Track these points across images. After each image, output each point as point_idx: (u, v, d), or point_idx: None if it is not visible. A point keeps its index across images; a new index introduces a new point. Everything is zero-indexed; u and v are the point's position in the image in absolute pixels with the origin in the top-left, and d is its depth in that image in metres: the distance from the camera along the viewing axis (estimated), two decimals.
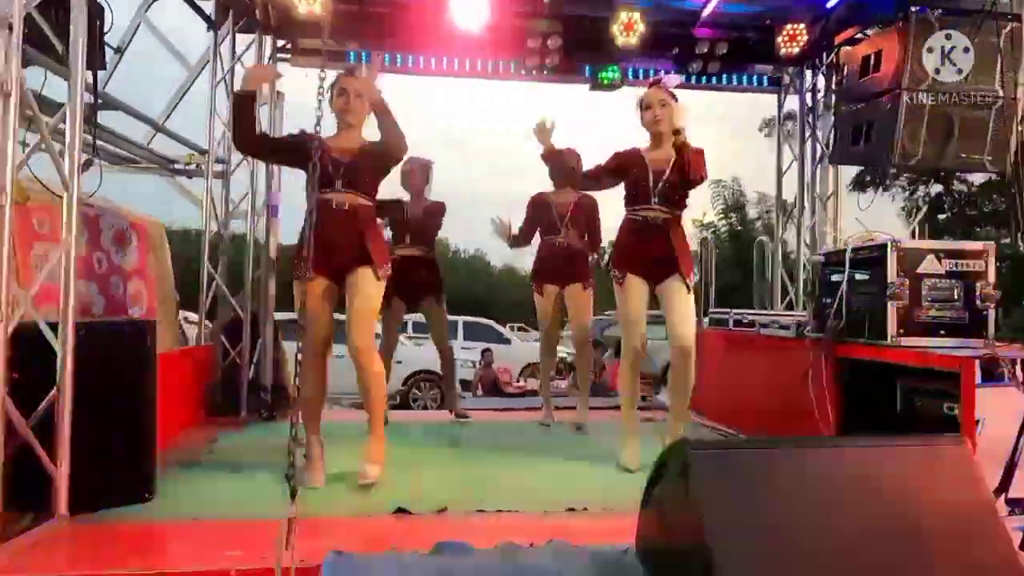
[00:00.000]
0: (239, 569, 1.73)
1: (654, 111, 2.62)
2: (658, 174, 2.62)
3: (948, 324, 2.40)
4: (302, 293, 2.43)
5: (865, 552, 1.23)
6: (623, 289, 2.67)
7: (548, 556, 1.75)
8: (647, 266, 2.65)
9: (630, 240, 2.70)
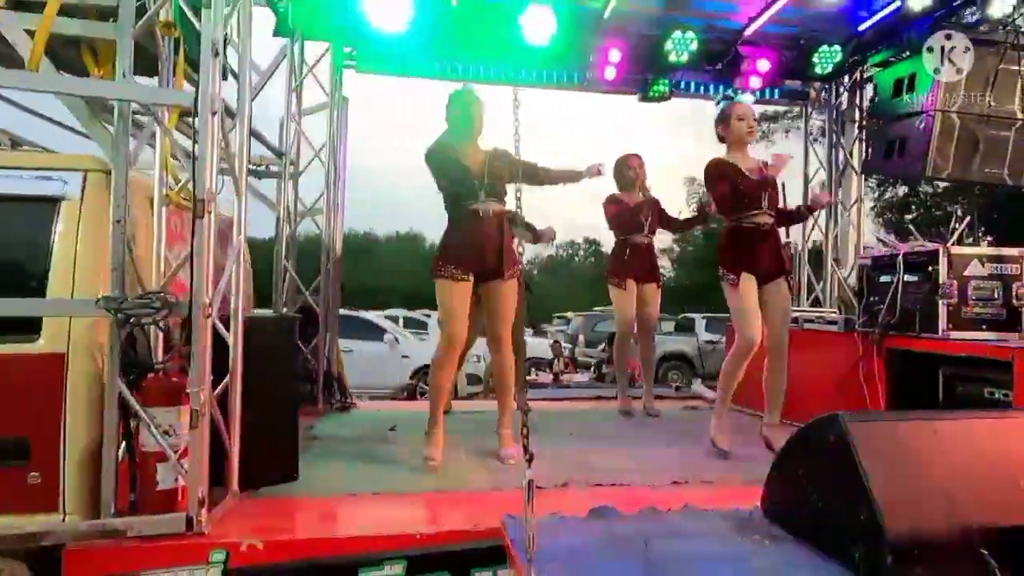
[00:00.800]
0: (423, 533, 1.99)
1: (748, 122, 2.90)
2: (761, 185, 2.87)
3: (990, 320, 2.77)
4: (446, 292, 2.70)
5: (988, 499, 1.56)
6: (738, 289, 2.87)
7: (687, 518, 2.05)
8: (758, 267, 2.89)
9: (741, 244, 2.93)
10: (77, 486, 2.03)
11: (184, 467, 1.90)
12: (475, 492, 2.45)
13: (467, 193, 2.74)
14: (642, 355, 4.01)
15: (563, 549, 1.69)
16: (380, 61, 4.12)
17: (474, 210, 2.74)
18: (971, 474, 1.60)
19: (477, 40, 3.96)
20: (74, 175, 2.14)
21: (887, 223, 20.11)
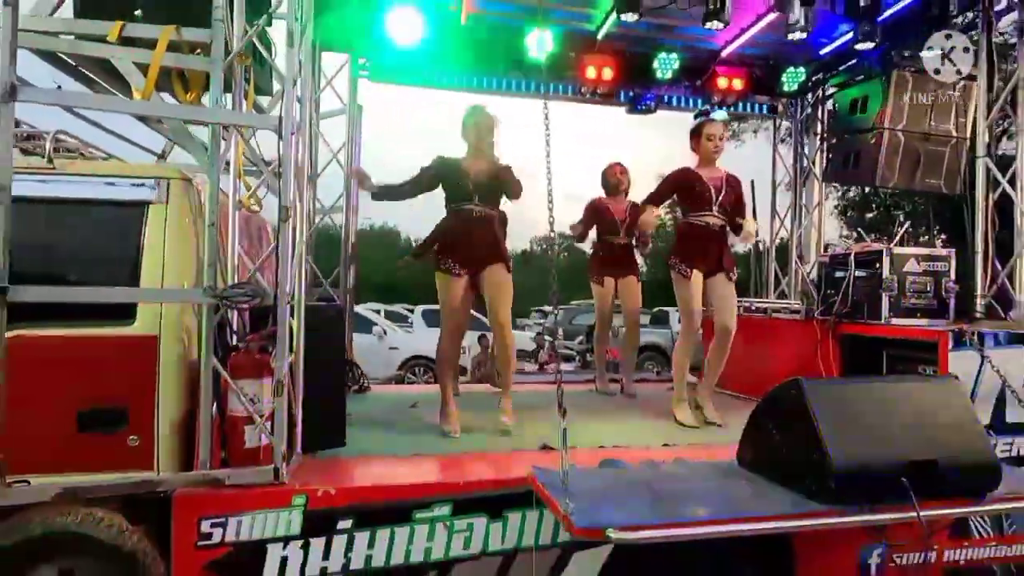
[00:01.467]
0: (465, 481, 2.42)
1: (715, 142, 3.39)
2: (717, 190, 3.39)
3: (923, 308, 3.32)
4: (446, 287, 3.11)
5: (905, 440, 2.07)
6: (689, 282, 3.41)
7: (679, 467, 2.53)
8: (707, 263, 3.42)
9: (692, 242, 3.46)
10: (168, 448, 2.40)
11: (269, 428, 2.29)
12: (497, 453, 2.88)
13: (463, 196, 3.16)
14: (626, 342, 4.47)
15: (585, 488, 2.14)
16: (393, 72, 4.47)
17: (468, 210, 3.16)
18: (893, 422, 2.10)
19: (483, 55, 4.37)
20: (160, 183, 2.49)
21: (849, 220, 21.44)
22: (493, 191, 3.15)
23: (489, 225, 3.16)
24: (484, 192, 3.13)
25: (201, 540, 2.19)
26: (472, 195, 3.12)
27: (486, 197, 3.14)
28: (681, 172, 3.52)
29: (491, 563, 2.40)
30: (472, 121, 3.21)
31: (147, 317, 2.41)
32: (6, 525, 2.26)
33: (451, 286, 3.13)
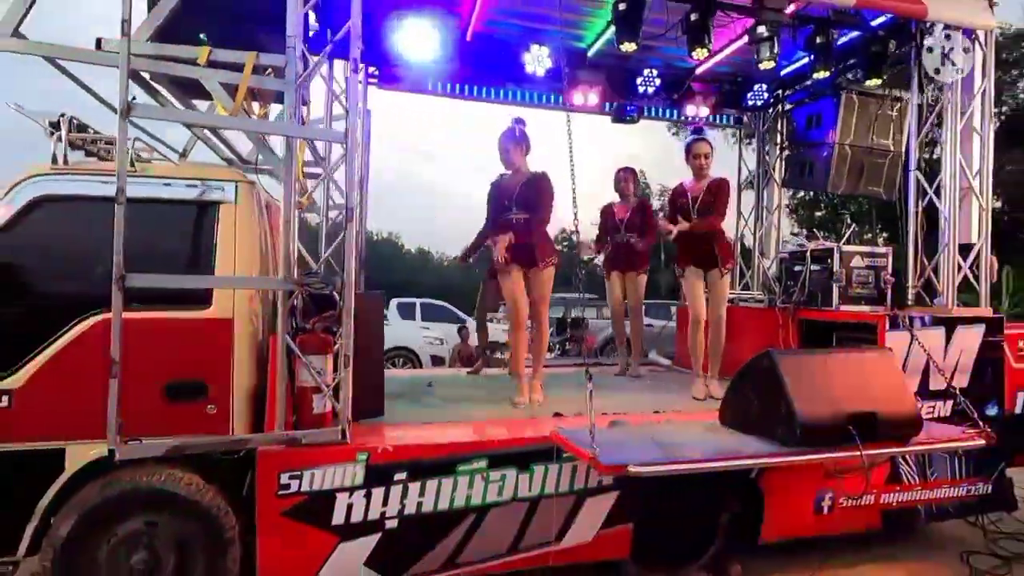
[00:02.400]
0: (498, 439, 2.88)
1: (700, 160, 3.95)
2: (695, 200, 3.95)
3: (866, 297, 3.94)
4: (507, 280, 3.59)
5: (851, 398, 2.64)
6: (684, 280, 3.97)
7: (673, 425, 3.06)
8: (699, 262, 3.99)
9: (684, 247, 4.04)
10: (242, 415, 2.77)
11: (336, 397, 2.69)
12: (518, 419, 3.35)
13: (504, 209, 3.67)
14: (632, 330, 4.99)
15: (602, 440, 2.63)
16: (400, 80, 4.85)
17: (508, 220, 3.66)
18: (842, 384, 2.68)
19: (486, 68, 4.80)
20: (229, 184, 2.85)
21: (799, 219, 22.99)
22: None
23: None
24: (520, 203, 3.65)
25: (281, 490, 2.59)
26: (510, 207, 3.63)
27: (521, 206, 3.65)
28: (672, 191, 4.10)
29: (520, 508, 2.87)
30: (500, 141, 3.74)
31: (222, 302, 2.77)
32: (101, 483, 2.60)
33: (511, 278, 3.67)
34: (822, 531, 3.42)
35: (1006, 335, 3.77)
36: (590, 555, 3.00)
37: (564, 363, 6.09)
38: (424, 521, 2.74)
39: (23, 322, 2.62)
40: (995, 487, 3.72)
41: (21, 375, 2.56)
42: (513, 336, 3.85)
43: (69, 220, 2.69)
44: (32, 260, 2.67)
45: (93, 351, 2.58)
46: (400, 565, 2.75)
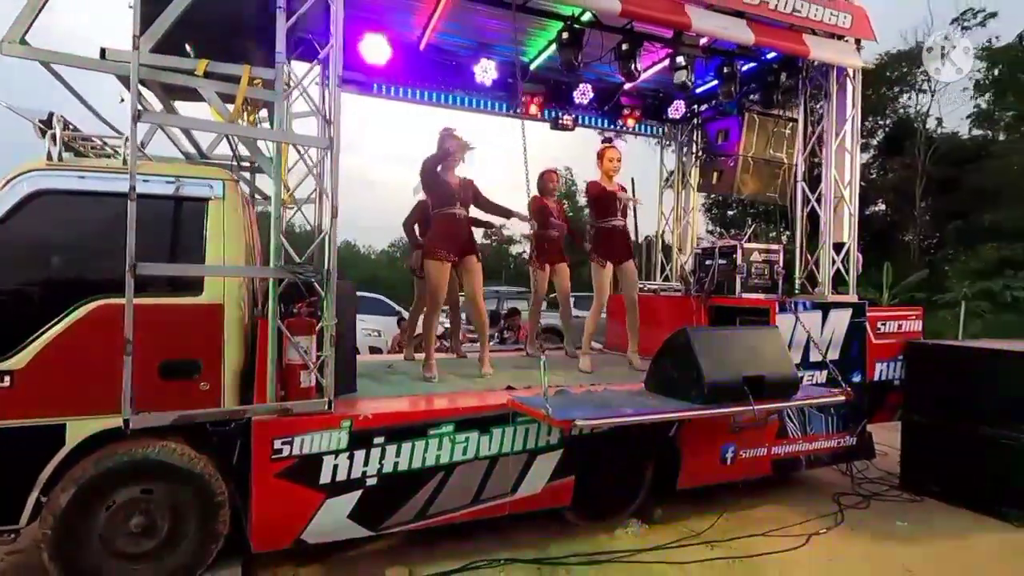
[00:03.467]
0: (462, 407, 3.35)
1: (615, 163, 4.59)
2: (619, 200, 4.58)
3: (762, 286, 4.71)
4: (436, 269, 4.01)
5: (746, 364, 3.32)
6: (604, 271, 4.57)
7: (609, 392, 3.65)
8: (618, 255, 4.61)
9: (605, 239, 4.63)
10: (231, 390, 3.08)
11: (321, 372, 3.06)
12: (477, 391, 3.82)
13: (448, 203, 4.09)
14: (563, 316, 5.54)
15: (552, 403, 3.16)
16: (359, 83, 5.17)
17: (451, 214, 4.09)
18: (739, 354, 3.36)
19: (438, 76, 5.21)
20: (217, 182, 3.13)
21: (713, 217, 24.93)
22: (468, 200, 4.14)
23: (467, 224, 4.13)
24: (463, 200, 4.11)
25: (274, 454, 2.94)
26: (455, 202, 4.07)
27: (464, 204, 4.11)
28: (597, 187, 4.67)
29: (481, 465, 3.36)
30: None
31: (213, 289, 3.06)
32: (102, 454, 2.85)
33: (441, 269, 4.05)
34: (727, 478, 4.14)
35: (869, 317, 4.65)
36: (539, 504, 3.53)
37: (506, 349, 6.61)
38: (400, 478, 3.17)
39: (22, 308, 2.81)
40: (859, 440, 4.60)
41: (22, 357, 2.76)
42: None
43: (66, 213, 2.89)
44: (29, 250, 2.85)
45: (91, 334, 2.82)
46: (380, 517, 3.17)
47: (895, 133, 23.58)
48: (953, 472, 4.41)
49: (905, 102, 23.95)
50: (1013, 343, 4.97)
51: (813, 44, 4.36)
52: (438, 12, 4.28)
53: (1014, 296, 13.78)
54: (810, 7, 4.30)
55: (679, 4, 3.92)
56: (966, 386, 4.39)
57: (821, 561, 3.54)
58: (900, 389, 4.79)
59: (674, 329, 4.72)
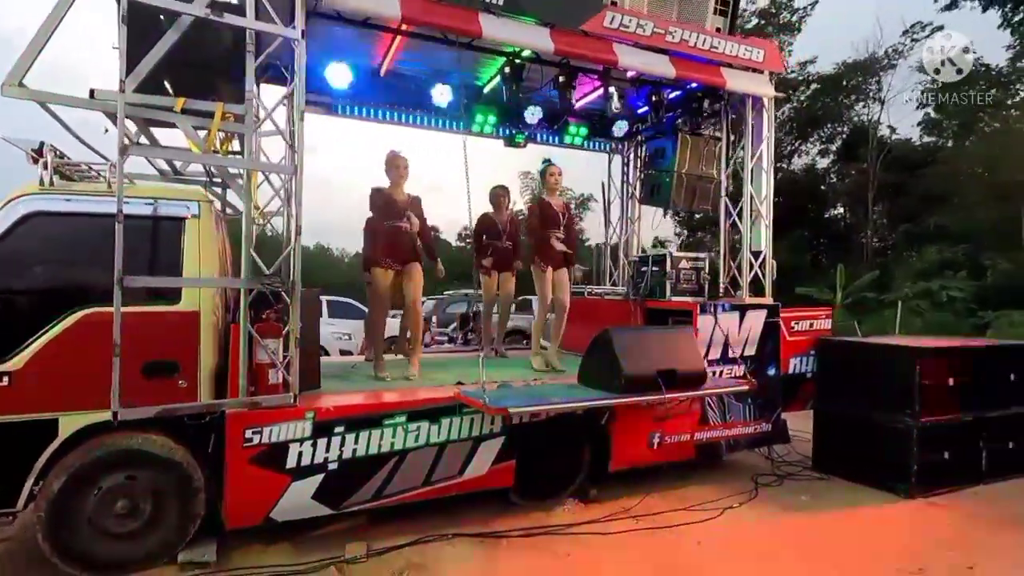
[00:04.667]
0: (414, 399, 3.81)
1: (557, 182, 5.10)
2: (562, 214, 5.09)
3: (690, 291, 5.27)
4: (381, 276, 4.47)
5: (660, 359, 3.85)
6: (545, 276, 5.07)
7: (547, 385, 4.14)
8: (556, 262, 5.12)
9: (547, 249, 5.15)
10: (207, 388, 3.48)
11: (287, 372, 3.48)
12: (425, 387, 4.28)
13: (396, 217, 4.56)
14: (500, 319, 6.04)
15: (491, 395, 3.64)
16: (324, 106, 5.59)
17: (399, 226, 4.56)
18: (655, 350, 3.88)
19: (398, 99, 5.66)
20: (193, 203, 3.54)
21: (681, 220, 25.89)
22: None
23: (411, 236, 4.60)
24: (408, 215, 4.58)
25: (246, 443, 3.36)
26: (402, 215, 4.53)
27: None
28: (540, 203, 5.17)
29: (431, 451, 3.82)
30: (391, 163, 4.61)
31: (190, 298, 3.46)
32: (90, 444, 3.23)
33: (385, 276, 4.50)
34: (655, 460, 4.66)
35: (782, 317, 5.24)
36: (484, 484, 4.00)
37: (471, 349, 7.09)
38: (358, 463, 3.61)
39: (19, 316, 3.19)
40: (774, 426, 5.18)
41: (20, 359, 3.13)
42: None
43: (57, 231, 3.27)
44: (25, 264, 3.23)
45: (81, 338, 3.21)
46: (340, 497, 3.60)
47: (852, 140, 24.76)
48: (855, 453, 5.02)
49: (859, 110, 25.14)
50: (910, 339, 5.63)
51: (729, 76, 4.93)
52: (395, 46, 4.73)
53: (950, 296, 14.73)
54: (726, 44, 4.88)
55: (608, 43, 4.44)
56: (864, 377, 5.00)
57: (730, 528, 4.09)
58: (812, 381, 5.39)
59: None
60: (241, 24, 3.32)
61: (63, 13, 3.12)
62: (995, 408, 5.02)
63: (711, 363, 4.88)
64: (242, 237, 3.41)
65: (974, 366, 4.97)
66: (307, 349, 3.95)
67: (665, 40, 4.62)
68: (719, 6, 5.04)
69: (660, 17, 4.77)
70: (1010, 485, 4.98)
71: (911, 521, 4.31)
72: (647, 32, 4.55)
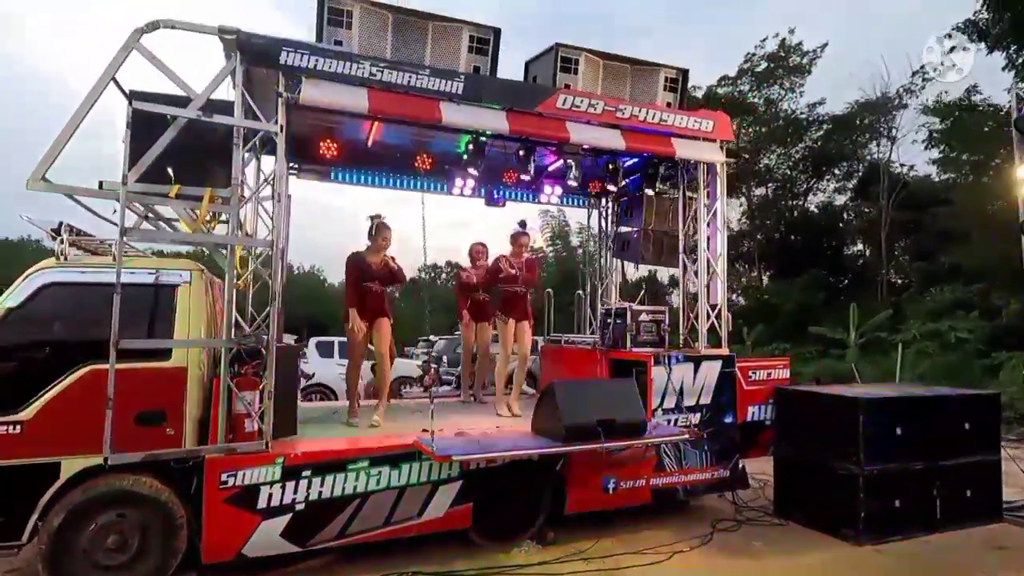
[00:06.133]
0: (375, 446, 4.21)
1: (523, 244, 5.61)
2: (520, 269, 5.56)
3: (651, 342, 5.61)
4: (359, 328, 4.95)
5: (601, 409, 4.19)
6: (507, 326, 5.50)
7: (500, 434, 4.51)
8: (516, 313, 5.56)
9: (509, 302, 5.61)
10: (191, 435, 3.94)
11: (261, 421, 3.94)
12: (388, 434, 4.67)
13: (368, 279, 5.09)
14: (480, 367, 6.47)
15: (444, 443, 4.02)
16: (315, 173, 6.20)
17: (369, 286, 5.09)
18: (597, 401, 4.23)
19: (385, 165, 6.24)
20: (185, 272, 4.08)
21: None
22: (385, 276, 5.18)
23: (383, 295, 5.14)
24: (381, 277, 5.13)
25: (221, 485, 3.79)
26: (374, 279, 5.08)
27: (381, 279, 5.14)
28: (498, 260, 5.68)
29: (391, 493, 4.19)
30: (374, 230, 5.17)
31: (179, 355, 3.97)
32: (85, 486, 3.70)
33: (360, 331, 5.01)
34: (610, 505, 4.94)
35: (740, 367, 5.53)
36: (442, 526, 4.34)
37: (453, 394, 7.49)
38: (323, 504, 4.01)
39: (33, 373, 3.72)
40: (732, 472, 5.41)
41: (30, 410, 3.65)
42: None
43: (69, 299, 3.84)
44: (40, 328, 3.79)
45: (83, 392, 3.72)
46: (306, 536, 3.99)
47: (866, 177, 24.85)
48: (811, 499, 5.21)
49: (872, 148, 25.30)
50: (868, 387, 5.84)
51: (679, 145, 5.38)
52: (375, 124, 5.33)
53: (958, 337, 14.58)
54: (675, 117, 5.35)
55: (561, 122, 4.95)
56: (817, 425, 5.23)
57: (676, 572, 4.33)
58: (771, 428, 5.62)
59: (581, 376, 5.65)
60: (229, 123, 3.91)
61: (85, 112, 3.75)
62: (950, 456, 5.18)
63: (666, 411, 5.19)
64: (224, 301, 3.92)
65: (925, 415, 5.16)
66: (286, 400, 4.42)
67: (615, 116, 5.11)
68: (669, 84, 5.52)
69: (612, 96, 5.28)
70: (964, 534, 5.09)
71: (855, 569, 4.48)
72: (598, 110, 5.04)
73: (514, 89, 4.91)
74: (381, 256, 5.21)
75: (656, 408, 5.11)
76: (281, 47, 4.11)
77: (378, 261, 5.18)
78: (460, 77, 4.63)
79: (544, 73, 5.22)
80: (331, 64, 4.24)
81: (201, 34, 3.90)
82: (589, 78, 5.27)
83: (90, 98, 3.74)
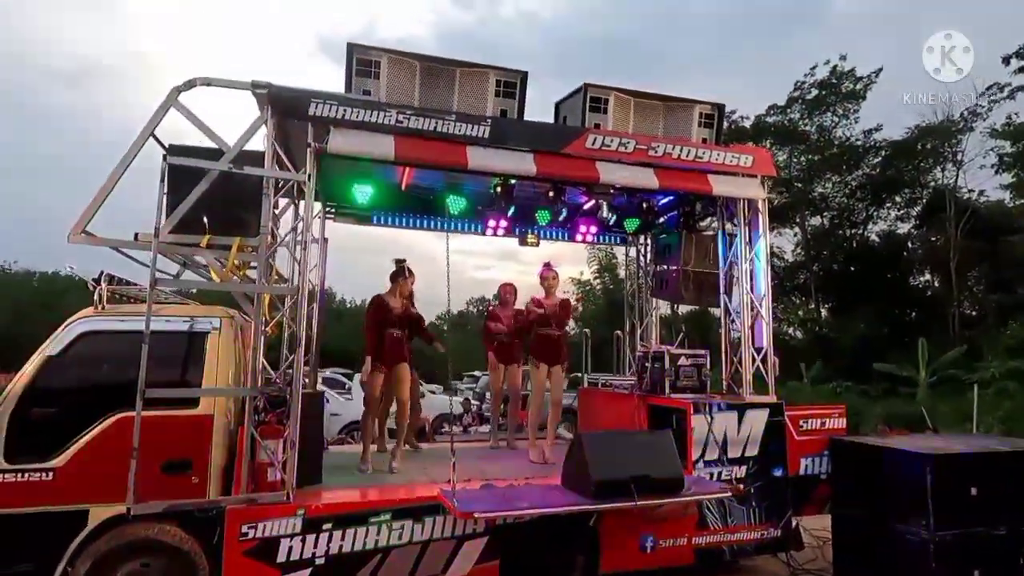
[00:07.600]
0: (398, 498, 4.08)
1: (549, 282, 5.46)
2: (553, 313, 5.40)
3: (691, 387, 5.30)
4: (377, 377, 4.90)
5: (634, 464, 3.93)
6: (539, 371, 5.33)
7: (527, 487, 4.30)
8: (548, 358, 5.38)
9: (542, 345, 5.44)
10: (215, 482, 3.93)
11: (284, 469, 3.89)
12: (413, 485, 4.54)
13: (390, 325, 5.05)
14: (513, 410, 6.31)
15: (467, 496, 3.85)
16: (355, 217, 6.30)
17: (390, 332, 5.05)
18: (629, 454, 3.98)
19: (419, 208, 6.28)
20: (215, 319, 4.14)
21: None
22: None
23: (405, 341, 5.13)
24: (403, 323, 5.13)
25: (242, 536, 3.74)
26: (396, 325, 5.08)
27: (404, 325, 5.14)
28: (531, 303, 5.54)
29: (415, 548, 4.03)
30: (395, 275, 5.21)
31: (206, 403, 3.99)
32: (112, 534, 3.71)
33: (380, 377, 4.99)
34: (648, 565, 4.60)
35: (790, 415, 5.14)
36: None
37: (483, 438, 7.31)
38: (344, 559, 3.88)
39: (68, 420, 3.81)
40: (784, 531, 4.97)
41: (62, 457, 3.72)
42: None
43: (106, 347, 3.94)
44: (77, 377, 3.89)
45: (111, 440, 3.76)
46: None
47: (932, 205, 23.57)
48: (876, 565, 4.71)
49: (936, 174, 24.05)
50: (940, 439, 5.31)
51: (716, 182, 5.17)
52: (407, 172, 5.37)
53: None
54: (711, 153, 5.16)
55: (590, 162, 4.85)
56: (880, 482, 4.76)
57: None
58: (827, 482, 5.17)
59: (618, 425, 5.40)
60: (259, 174, 4.00)
61: (125, 167, 3.92)
62: None
63: (708, 464, 4.85)
64: (251, 349, 3.94)
65: (1004, 473, 4.63)
66: (310, 447, 4.37)
67: (648, 155, 4.96)
68: (704, 119, 5.35)
69: (644, 134, 5.15)
70: None
71: None
72: (629, 149, 4.92)
73: (541, 131, 4.86)
74: (402, 302, 5.20)
75: (697, 460, 4.78)
76: (310, 99, 4.21)
77: (399, 306, 5.16)
78: (487, 121, 4.62)
79: (573, 113, 5.16)
80: (358, 113, 4.30)
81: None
82: (619, 117, 5.17)
83: (130, 153, 3.91)
